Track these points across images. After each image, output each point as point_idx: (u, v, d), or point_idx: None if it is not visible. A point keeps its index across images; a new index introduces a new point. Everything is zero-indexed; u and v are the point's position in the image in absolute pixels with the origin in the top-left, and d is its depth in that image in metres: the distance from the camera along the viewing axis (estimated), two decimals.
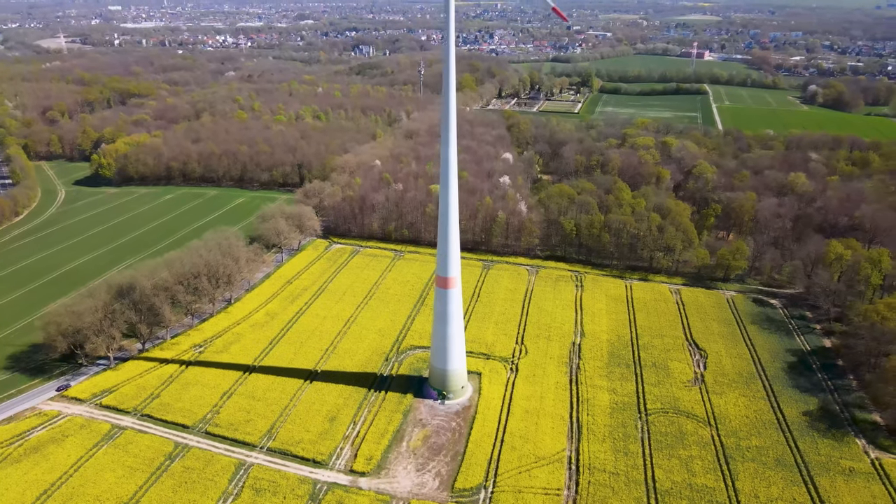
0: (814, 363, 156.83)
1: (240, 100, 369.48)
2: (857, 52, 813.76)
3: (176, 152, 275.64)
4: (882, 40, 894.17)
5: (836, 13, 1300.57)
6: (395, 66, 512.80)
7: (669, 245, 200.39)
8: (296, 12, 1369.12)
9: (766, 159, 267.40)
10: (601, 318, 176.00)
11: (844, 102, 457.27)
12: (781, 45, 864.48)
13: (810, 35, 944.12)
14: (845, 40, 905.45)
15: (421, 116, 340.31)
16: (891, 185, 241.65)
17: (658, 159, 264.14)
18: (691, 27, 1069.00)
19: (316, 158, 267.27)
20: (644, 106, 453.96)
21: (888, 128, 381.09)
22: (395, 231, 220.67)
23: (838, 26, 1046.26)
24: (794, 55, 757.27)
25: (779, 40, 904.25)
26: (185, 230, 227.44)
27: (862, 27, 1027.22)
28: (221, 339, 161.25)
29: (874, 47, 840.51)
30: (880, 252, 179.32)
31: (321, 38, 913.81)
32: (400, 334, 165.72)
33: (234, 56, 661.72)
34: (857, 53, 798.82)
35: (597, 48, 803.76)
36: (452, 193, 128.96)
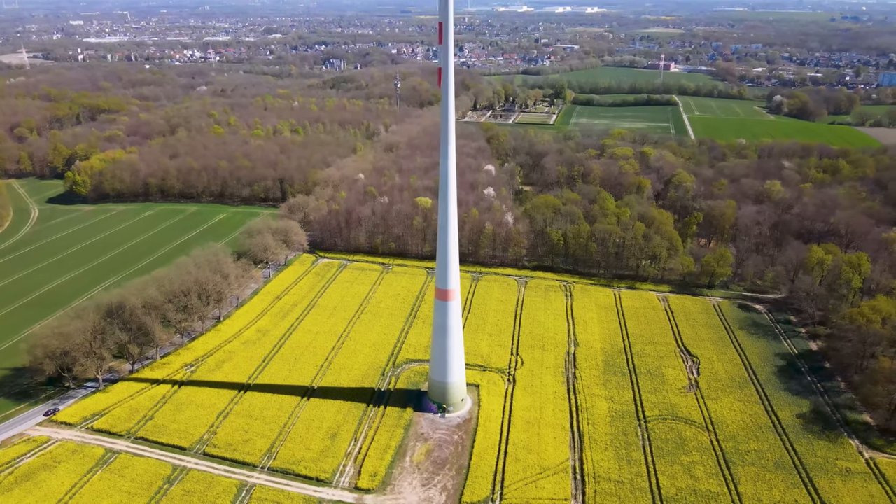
0: (802, 366, 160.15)
1: (215, 114, 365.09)
2: (816, 63, 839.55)
3: (153, 168, 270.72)
4: (838, 51, 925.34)
5: (792, 26, 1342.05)
6: (369, 79, 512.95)
7: (656, 253, 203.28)
8: (263, 26, 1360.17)
9: (741, 168, 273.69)
10: (593, 326, 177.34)
11: (808, 112, 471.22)
12: (743, 56, 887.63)
13: (770, 47, 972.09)
14: (803, 52, 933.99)
15: (400, 129, 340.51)
16: (862, 192, 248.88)
17: (638, 169, 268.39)
18: (655, 40, 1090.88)
19: (297, 172, 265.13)
20: (617, 117, 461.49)
21: (852, 136, 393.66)
22: (382, 244, 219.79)
23: (795, 38, 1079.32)
24: (757, 66, 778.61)
25: (740, 52, 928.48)
26: (167, 247, 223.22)
27: (818, 39, 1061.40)
28: (213, 357, 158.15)
29: (831, 58, 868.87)
30: (859, 256, 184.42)
31: (291, 51, 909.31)
32: (395, 348, 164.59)
33: (205, 70, 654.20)
34: (816, 64, 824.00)
35: (566, 61, 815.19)
36: (452, 206, 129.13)
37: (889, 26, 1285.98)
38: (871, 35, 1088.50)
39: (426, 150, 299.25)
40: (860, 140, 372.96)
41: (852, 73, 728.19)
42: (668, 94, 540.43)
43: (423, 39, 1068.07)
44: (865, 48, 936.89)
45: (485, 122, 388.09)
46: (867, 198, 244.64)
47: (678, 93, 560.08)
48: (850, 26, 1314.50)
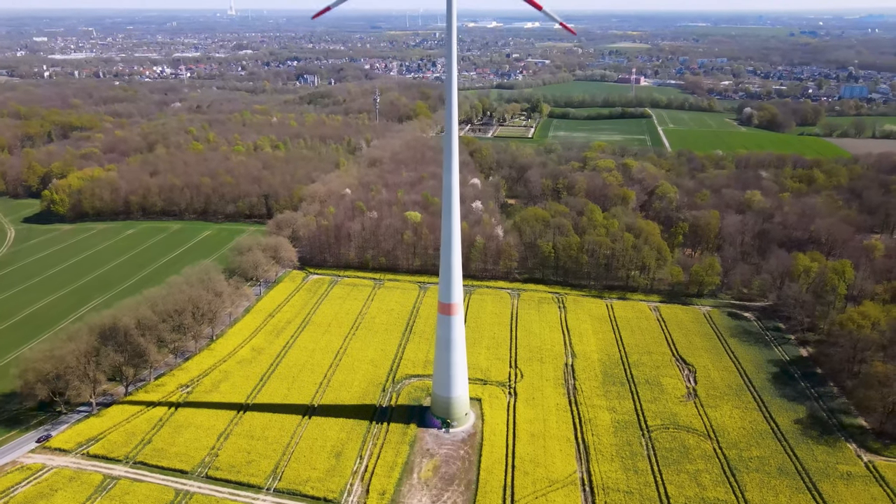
0: (795, 372, 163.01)
1: (193, 131, 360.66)
2: (779, 76, 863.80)
3: (134, 186, 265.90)
4: (799, 65, 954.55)
5: (754, 41, 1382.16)
6: (346, 94, 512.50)
7: (645, 263, 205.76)
8: (233, 42, 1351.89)
9: (721, 178, 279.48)
10: (589, 338, 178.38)
11: (778, 123, 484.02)
12: (710, 70, 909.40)
13: (734, 61, 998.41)
14: (766, 65, 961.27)
15: (382, 144, 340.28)
16: (838, 200, 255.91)
17: (621, 181, 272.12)
18: (624, 54, 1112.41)
19: (282, 188, 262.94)
20: (594, 130, 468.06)
21: (822, 146, 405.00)
22: (372, 259, 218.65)
23: (758, 52, 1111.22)
24: (723, 80, 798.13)
25: (707, 66, 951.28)
26: (152, 266, 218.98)
27: (779, 53, 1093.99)
28: (209, 377, 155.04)
29: (793, 72, 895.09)
30: (843, 263, 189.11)
31: (263, 67, 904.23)
32: (393, 364, 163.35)
33: (177, 87, 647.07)
34: (779, 77, 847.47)
35: (538, 75, 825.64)
36: (455, 221, 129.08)
37: (845, 41, 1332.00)
38: (829, 49, 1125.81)
39: (410, 165, 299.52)
40: (830, 150, 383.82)
41: (814, 85, 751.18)
42: (641, 108, 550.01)
43: (396, 55, 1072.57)
44: (825, 62, 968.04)
45: (466, 136, 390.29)
46: (843, 206, 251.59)
47: (651, 106, 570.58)
48: (808, 41, 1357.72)
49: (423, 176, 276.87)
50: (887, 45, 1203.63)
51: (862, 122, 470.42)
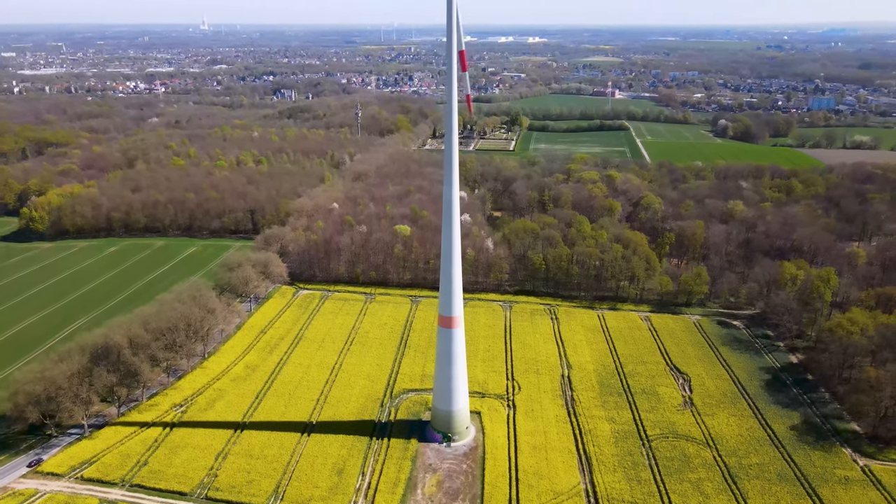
0: (787, 379, 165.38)
1: (173, 146, 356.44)
2: (749, 88, 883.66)
3: (116, 202, 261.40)
4: (768, 78, 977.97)
5: (723, 54, 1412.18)
6: (326, 108, 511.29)
7: (635, 274, 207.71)
8: (207, 57, 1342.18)
9: (703, 189, 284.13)
10: (583, 348, 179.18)
11: (752, 135, 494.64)
12: (682, 83, 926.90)
13: (705, 74, 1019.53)
14: (736, 78, 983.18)
15: (365, 158, 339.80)
16: (817, 209, 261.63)
17: (606, 192, 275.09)
18: (598, 68, 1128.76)
19: (268, 203, 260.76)
20: (574, 142, 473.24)
21: (796, 157, 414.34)
22: (362, 274, 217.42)
23: (728, 66, 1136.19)
24: (696, 92, 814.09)
25: (679, 79, 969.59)
26: (137, 283, 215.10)
27: (748, 66, 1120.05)
28: (203, 396, 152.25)
29: (762, 84, 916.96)
30: (828, 271, 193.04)
31: (239, 82, 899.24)
32: (390, 378, 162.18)
33: (152, 102, 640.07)
34: (749, 90, 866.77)
35: (515, 88, 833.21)
36: (455, 234, 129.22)
37: (810, 54, 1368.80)
38: (796, 62, 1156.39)
39: (396, 178, 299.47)
40: (804, 160, 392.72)
41: (784, 97, 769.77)
42: (618, 120, 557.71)
43: (372, 69, 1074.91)
44: (792, 74, 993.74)
45: None
46: (822, 215, 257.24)
47: (627, 118, 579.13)
48: (775, 54, 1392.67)
49: (409, 189, 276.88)
50: (850, 58, 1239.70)
51: (833, 133, 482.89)
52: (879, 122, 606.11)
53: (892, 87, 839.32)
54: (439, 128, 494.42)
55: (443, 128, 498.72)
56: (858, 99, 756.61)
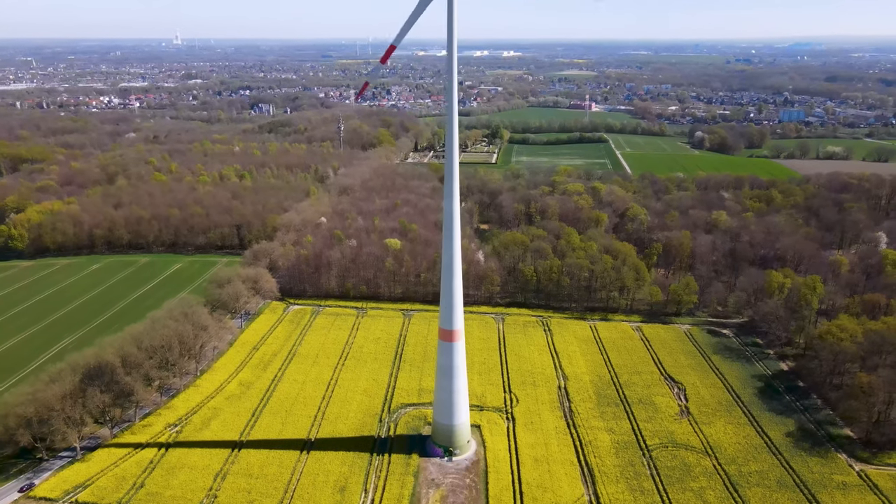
0: (779, 386, 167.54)
1: (154, 161, 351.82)
2: (721, 101, 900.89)
3: (98, 219, 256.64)
4: (738, 91, 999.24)
5: (694, 68, 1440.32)
6: (306, 123, 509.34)
7: (626, 284, 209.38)
8: (181, 72, 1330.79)
9: (686, 200, 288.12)
10: (577, 359, 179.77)
11: (728, 146, 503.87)
12: (656, 96, 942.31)
13: (678, 87, 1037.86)
14: (707, 91, 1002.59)
15: (350, 172, 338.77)
16: (798, 219, 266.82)
17: (592, 204, 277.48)
18: (573, 81, 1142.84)
19: (255, 218, 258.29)
20: (555, 154, 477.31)
21: (773, 168, 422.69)
22: (353, 288, 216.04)
23: (699, 79, 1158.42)
24: (670, 105, 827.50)
25: (653, 92, 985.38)
26: (123, 301, 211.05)
27: (719, 79, 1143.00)
28: (198, 415, 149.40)
29: (733, 97, 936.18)
30: (813, 279, 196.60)
31: (215, 97, 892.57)
32: (387, 393, 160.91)
33: (128, 117, 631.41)
34: (721, 102, 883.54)
35: (493, 102, 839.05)
36: (456, 247, 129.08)
37: (778, 68, 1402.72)
38: (764, 76, 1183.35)
39: (382, 192, 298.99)
40: (780, 171, 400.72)
41: (755, 110, 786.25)
42: (597, 133, 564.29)
43: (349, 83, 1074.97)
44: (761, 87, 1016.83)
45: (434, 163, 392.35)
46: (803, 224, 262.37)
47: (605, 131, 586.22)
48: (744, 68, 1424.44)
49: (396, 203, 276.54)
50: (816, 71, 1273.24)
51: (806, 144, 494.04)
52: (848, 133, 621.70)
53: (858, 100, 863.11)
54: (421, 141, 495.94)
55: (424, 141, 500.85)
56: (826, 111, 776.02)
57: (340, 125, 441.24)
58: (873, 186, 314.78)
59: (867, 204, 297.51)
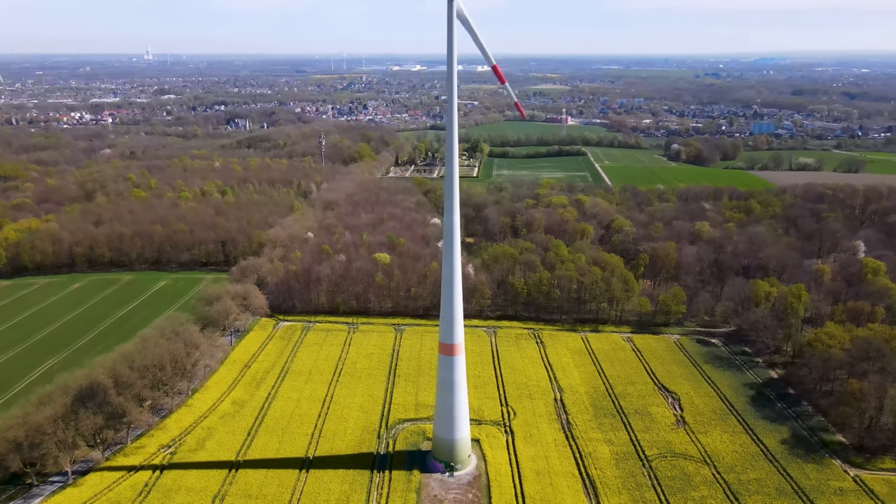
0: (770, 394, 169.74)
1: (132, 178, 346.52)
2: (693, 114, 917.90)
3: (79, 236, 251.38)
4: (709, 104, 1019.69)
5: (665, 82, 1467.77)
6: (285, 138, 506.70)
7: (616, 295, 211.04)
8: (154, 87, 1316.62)
9: (669, 211, 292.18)
10: (571, 371, 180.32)
11: (703, 158, 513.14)
12: (629, 109, 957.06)
13: (650, 100, 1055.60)
14: (679, 104, 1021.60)
15: (333, 187, 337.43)
16: (778, 229, 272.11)
17: (577, 216, 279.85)
18: (548, 96, 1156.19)
19: (240, 234, 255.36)
20: (535, 167, 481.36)
21: (749, 179, 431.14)
22: (343, 303, 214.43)
23: (671, 93, 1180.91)
24: (644, 118, 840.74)
25: (626, 106, 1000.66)
26: (108, 320, 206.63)
27: (690, 93, 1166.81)
28: (192, 435, 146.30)
29: (704, 110, 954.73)
30: (798, 287, 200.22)
31: (190, 112, 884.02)
32: (384, 409, 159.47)
33: (101, 133, 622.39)
34: (693, 116, 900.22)
35: (469, 116, 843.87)
36: (456, 261, 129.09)
37: (745, 81, 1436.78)
38: (733, 89, 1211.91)
39: (367, 207, 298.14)
40: (755, 182, 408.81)
41: (726, 122, 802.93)
42: (575, 146, 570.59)
43: (325, 98, 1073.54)
44: (731, 100, 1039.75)
45: (416, 178, 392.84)
46: (783, 234, 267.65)
47: (583, 144, 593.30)
48: (713, 82, 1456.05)
49: (383, 217, 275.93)
50: (782, 85, 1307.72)
51: (779, 156, 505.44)
52: (817, 144, 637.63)
53: (824, 112, 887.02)
54: (401, 155, 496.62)
55: (405, 155, 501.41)
56: (795, 123, 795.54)
57: (322, 140, 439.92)
58: (847, 196, 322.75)
59: (843, 214, 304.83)
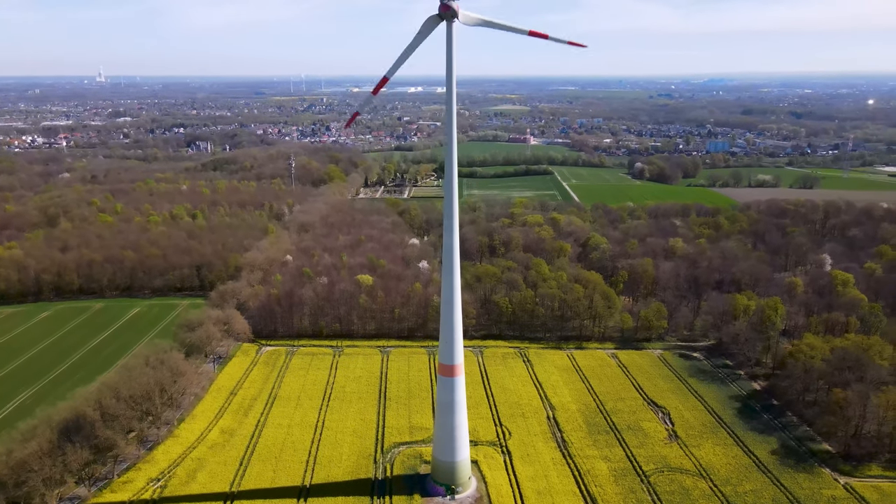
0: (755, 406, 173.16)
1: (97, 202, 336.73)
2: (650, 133, 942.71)
3: (46, 263, 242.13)
4: (665, 123, 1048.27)
5: (620, 102, 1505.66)
6: (251, 160, 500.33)
7: (599, 312, 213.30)
8: (108, 109, 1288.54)
9: (642, 228, 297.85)
10: (561, 389, 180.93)
11: (666, 176, 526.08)
12: (590, 129, 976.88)
13: (609, 120, 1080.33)
14: (637, 124, 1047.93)
15: (306, 209, 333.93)
16: (748, 244, 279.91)
17: (553, 234, 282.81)
18: (509, 116, 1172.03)
19: (216, 258, 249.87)
20: (504, 187, 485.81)
21: (712, 196, 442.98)
22: (326, 326, 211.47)
23: (627, 112, 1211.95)
24: (605, 138, 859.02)
25: (586, 125, 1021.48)
26: (81, 350, 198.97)
27: (646, 113, 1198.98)
28: (181, 467, 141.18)
29: (661, 129, 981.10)
30: (774, 300, 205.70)
31: (148, 135, 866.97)
32: (378, 433, 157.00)
33: (57, 157, 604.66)
34: (651, 135, 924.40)
35: (433, 136, 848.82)
36: (456, 281, 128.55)
37: (697, 102, 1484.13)
38: (686, 109, 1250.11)
39: (343, 228, 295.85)
40: (718, 199, 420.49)
41: (683, 141, 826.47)
42: (541, 165, 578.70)
43: (286, 120, 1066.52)
44: (685, 120, 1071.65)
45: (389, 199, 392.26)
46: (752, 248, 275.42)
47: (548, 163, 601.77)
48: (666, 102, 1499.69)
49: (360, 239, 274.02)
50: (732, 105, 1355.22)
51: (738, 173, 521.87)
52: (770, 162, 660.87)
53: (774, 131, 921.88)
54: (370, 176, 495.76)
55: (374, 176, 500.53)
56: (748, 142, 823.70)
57: (292, 162, 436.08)
58: (809, 211, 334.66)
59: (805, 228, 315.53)
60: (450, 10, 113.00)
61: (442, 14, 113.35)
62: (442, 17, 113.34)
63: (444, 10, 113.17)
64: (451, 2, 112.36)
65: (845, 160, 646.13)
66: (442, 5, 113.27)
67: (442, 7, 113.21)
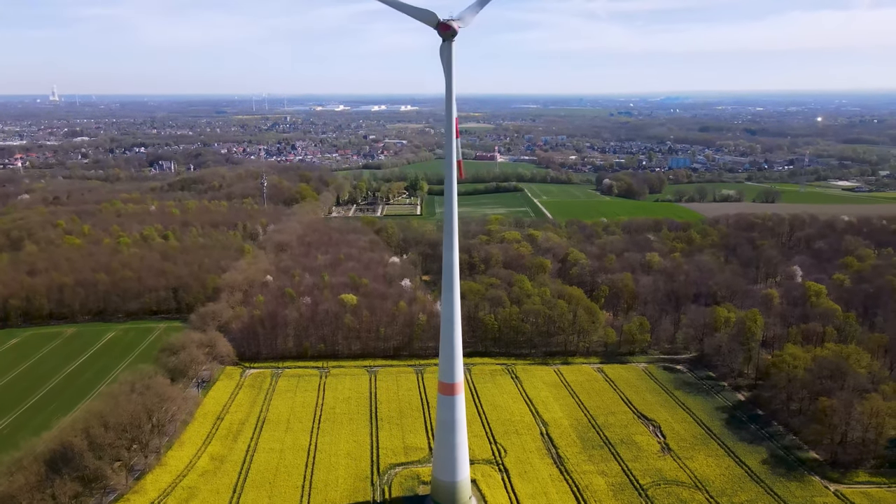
0: (742, 416, 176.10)
1: (62, 224, 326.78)
2: (614, 150, 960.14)
3: (13, 288, 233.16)
4: (626, 140, 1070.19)
5: (582, 120, 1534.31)
6: (220, 179, 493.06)
7: (583, 327, 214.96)
8: (64, 129, 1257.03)
9: (619, 243, 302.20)
10: (552, 404, 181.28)
11: (634, 192, 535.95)
12: (554, 146, 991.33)
13: (572, 137, 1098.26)
14: (600, 141, 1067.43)
15: (281, 228, 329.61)
16: (721, 257, 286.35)
17: (531, 251, 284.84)
18: (473, 133, 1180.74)
19: (192, 280, 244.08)
20: (477, 204, 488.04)
21: (679, 211, 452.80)
22: (311, 347, 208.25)
23: (590, 130, 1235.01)
24: (570, 154, 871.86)
25: (550, 143, 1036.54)
26: (56, 377, 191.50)
27: (608, 130, 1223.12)
28: (172, 497, 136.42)
29: (623, 146, 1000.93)
30: (753, 312, 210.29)
31: (107, 154, 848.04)
32: (372, 455, 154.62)
33: (14, 178, 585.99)
34: (614, 151, 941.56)
35: (400, 154, 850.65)
36: (456, 299, 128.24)
37: (656, 119, 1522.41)
38: (646, 126, 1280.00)
39: (321, 247, 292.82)
40: (686, 214, 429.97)
41: (646, 157, 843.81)
42: (511, 182, 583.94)
43: (251, 139, 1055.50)
44: (646, 137, 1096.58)
45: (364, 217, 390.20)
46: (726, 262, 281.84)
47: (517, 180, 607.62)
48: (626, 119, 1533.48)
49: (340, 258, 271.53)
50: (690, 122, 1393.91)
51: (703, 188, 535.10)
52: (731, 177, 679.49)
53: (731, 147, 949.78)
54: (342, 195, 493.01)
55: (345, 195, 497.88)
56: (707, 158, 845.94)
57: (263, 181, 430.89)
58: (776, 225, 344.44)
59: (773, 241, 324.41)
60: (450, 29, 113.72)
61: (443, 34, 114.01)
62: (444, 37, 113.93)
63: (443, 30, 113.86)
64: (452, 21, 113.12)
65: (802, 175, 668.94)
66: (441, 25, 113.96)
67: (441, 27, 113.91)
